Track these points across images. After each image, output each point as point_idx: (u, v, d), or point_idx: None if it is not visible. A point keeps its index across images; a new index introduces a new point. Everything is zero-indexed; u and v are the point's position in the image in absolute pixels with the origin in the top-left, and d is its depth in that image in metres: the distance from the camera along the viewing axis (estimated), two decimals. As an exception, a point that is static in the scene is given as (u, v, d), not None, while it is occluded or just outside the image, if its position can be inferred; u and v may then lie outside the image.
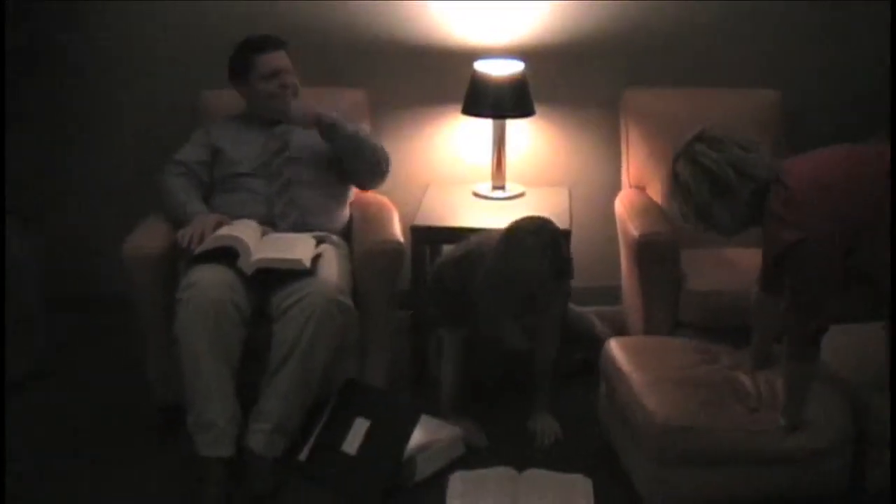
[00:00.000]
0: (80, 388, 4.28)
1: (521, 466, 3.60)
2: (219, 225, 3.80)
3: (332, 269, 3.74)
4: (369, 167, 4.05)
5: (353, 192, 4.18)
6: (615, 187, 4.51)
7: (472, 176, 4.55)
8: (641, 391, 3.30)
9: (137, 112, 4.62)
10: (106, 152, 4.69)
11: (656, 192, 4.33)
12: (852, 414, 3.24)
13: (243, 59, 4.06)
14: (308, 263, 3.65)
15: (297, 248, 3.72)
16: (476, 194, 4.38)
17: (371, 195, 4.22)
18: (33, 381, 4.27)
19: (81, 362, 4.47)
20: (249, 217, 3.89)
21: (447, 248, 3.97)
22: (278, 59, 4.07)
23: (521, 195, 4.38)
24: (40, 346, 4.38)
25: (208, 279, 3.58)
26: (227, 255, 3.65)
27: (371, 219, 4.03)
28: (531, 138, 4.62)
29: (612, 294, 4.52)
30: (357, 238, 3.95)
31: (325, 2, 4.45)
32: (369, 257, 3.81)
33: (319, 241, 3.82)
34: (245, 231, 3.75)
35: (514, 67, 4.28)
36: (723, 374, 3.40)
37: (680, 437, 3.17)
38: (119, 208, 4.42)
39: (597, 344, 3.85)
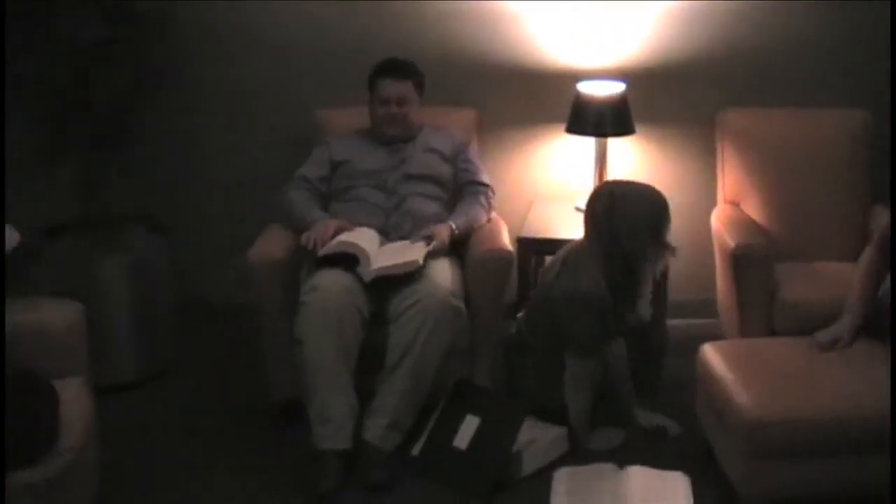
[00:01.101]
0: (204, 385, 4.53)
1: (622, 463, 3.77)
2: (340, 229, 4.01)
3: (446, 274, 3.93)
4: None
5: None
6: (711, 203, 4.63)
7: (574, 191, 4.72)
8: (734, 389, 3.43)
9: (259, 128, 4.88)
10: (230, 166, 4.95)
11: (751, 208, 4.46)
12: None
13: (370, 78, 4.28)
14: (422, 260, 3.87)
15: (410, 251, 3.93)
16: (578, 209, 4.49)
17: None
18: (161, 378, 4.54)
19: (204, 362, 4.73)
20: (364, 226, 4.09)
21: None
22: (395, 87, 4.24)
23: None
24: (168, 346, 4.64)
25: (331, 283, 3.80)
26: (348, 260, 3.87)
27: (482, 231, 4.21)
28: (631, 155, 4.79)
29: (707, 307, 4.62)
30: (469, 247, 4.12)
31: (441, 27, 4.69)
32: (480, 265, 4.00)
33: (428, 240, 4.00)
34: (365, 239, 3.95)
35: (616, 88, 4.45)
36: (817, 366, 3.52)
37: (772, 431, 3.29)
38: (241, 220, 4.63)
39: None
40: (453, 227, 4.10)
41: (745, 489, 3.42)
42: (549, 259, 4.11)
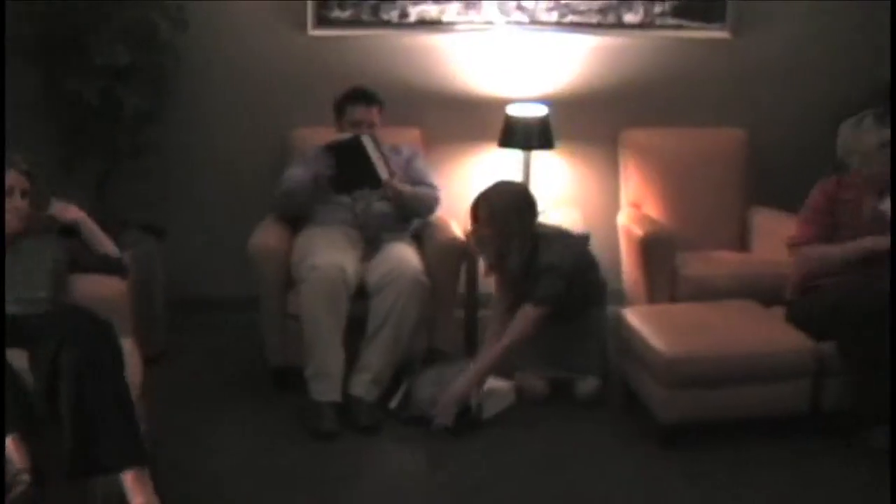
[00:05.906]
0: (201, 361, 5.12)
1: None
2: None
3: (413, 256, 4.68)
4: (419, 214, 5.00)
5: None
6: (615, 206, 5.46)
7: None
8: (652, 336, 4.29)
9: (237, 145, 5.53)
10: (220, 180, 5.58)
11: (650, 209, 5.33)
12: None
13: (340, 103, 4.98)
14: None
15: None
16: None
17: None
18: (157, 361, 4.99)
19: (199, 345, 5.32)
20: (340, 224, 4.81)
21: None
22: (364, 112, 4.92)
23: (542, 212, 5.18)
24: (161, 336, 5.21)
25: (327, 262, 4.47)
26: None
27: (437, 225, 5.00)
28: (551, 167, 5.55)
29: (614, 295, 5.15)
30: (427, 239, 4.89)
31: (392, 58, 5.43)
32: (440, 251, 4.78)
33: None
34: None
35: (540, 111, 5.27)
36: (712, 319, 4.42)
37: (683, 365, 4.13)
38: (229, 224, 5.28)
39: None
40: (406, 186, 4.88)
41: (664, 415, 4.22)
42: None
